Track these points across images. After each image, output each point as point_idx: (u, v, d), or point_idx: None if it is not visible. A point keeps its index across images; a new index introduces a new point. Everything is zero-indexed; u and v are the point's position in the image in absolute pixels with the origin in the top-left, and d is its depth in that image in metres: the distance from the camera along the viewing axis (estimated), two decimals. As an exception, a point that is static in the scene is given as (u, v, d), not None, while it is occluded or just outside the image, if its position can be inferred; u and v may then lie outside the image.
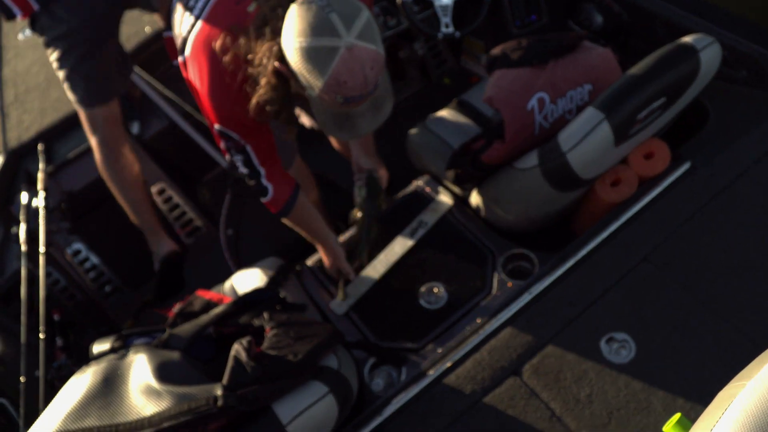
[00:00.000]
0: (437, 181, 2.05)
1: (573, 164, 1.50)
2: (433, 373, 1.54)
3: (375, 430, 1.48)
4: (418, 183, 2.06)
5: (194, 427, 1.17)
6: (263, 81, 1.32)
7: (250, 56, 1.32)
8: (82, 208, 2.43)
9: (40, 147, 2.36)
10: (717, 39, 1.54)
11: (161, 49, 2.58)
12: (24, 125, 2.55)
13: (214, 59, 1.39)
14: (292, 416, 1.24)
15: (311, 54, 1.20)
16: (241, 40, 1.33)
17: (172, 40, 1.74)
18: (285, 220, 1.74)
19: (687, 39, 1.54)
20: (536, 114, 1.60)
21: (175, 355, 1.32)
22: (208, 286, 1.89)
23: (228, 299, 1.67)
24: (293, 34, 1.21)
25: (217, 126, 1.47)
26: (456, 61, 2.74)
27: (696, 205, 1.64)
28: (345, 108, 1.29)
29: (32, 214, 2.18)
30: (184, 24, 1.51)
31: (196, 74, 1.45)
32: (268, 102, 1.36)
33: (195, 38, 1.44)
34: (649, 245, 1.60)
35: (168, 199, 2.54)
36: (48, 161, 2.39)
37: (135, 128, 2.57)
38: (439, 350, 1.64)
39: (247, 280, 1.87)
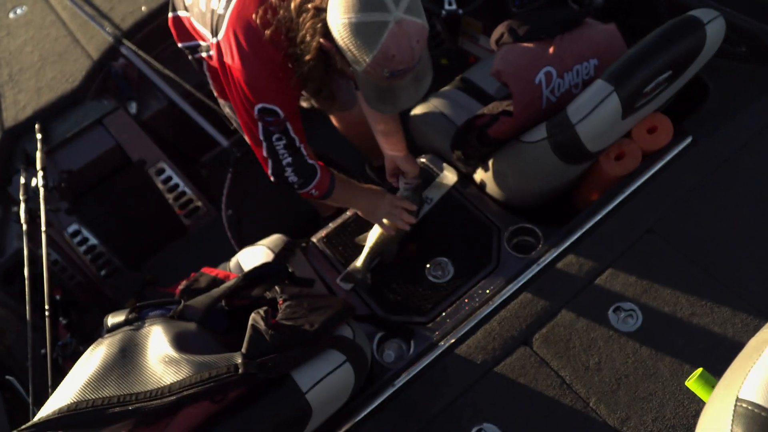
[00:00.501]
0: (441, 158, 2.05)
1: (582, 136, 1.51)
2: (444, 344, 1.55)
3: (388, 400, 1.50)
4: (422, 160, 2.06)
5: (214, 395, 1.15)
6: (307, 58, 1.31)
7: (291, 34, 1.31)
8: (80, 188, 2.40)
9: (37, 126, 2.32)
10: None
11: (158, 29, 2.55)
12: (20, 105, 2.49)
13: (255, 35, 1.35)
14: (312, 384, 1.24)
15: (361, 29, 1.20)
16: (281, 13, 1.31)
17: (179, 20, 1.69)
18: (330, 200, 1.71)
19: (693, 13, 1.55)
20: (543, 88, 1.60)
21: (191, 326, 1.30)
22: (211, 265, 1.86)
23: (234, 276, 1.65)
24: (341, 10, 1.21)
25: (260, 105, 1.41)
26: (453, 42, 2.73)
27: (698, 177, 1.67)
28: (390, 82, 1.29)
29: (31, 193, 2.15)
30: (215, 1, 1.44)
31: (234, 52, 1.38)
32: (310, 79, 1.36)
33: (231, 15, 1.39)
34: (653, 217, 1.62)
35: (167, 180, 2.51)
36: (45, 141, 2.34)
37: (132, 108, 2.53)
38: (450, 322, 1.65)
39: (254, 256, 1.86)
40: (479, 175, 1.90)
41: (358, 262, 1.86)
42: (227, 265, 1.88)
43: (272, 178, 1.58)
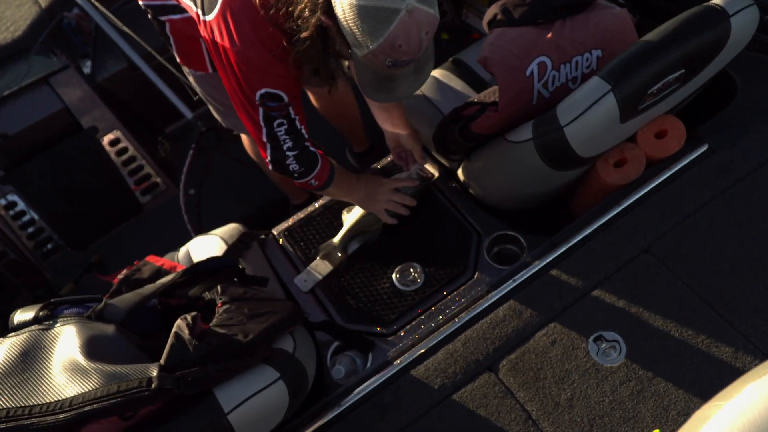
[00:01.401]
0: (424, 149, 1.98)
1: (571, 140, 1.47)
2: (400, 363, 1.54)
3: (333, 421, 1.49)
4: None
5: (122, 412, 1.14)
6: (304, 35, 1.31)
7: (290, 8, 1.31)
8: (18, 155, 2.36)
9: None
10: (756, 1, 1.48)
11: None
12: None
13: (255, 14, 1.35)
14: (236, 403, 1.22)
15: (370, 13, 1.20)
16: None
17: None
18: (325, 192, 1.75)
19: (719, 0, 1.49)
20: (535, 80, 1.55)
21: (109, 328, 1.29)
22: (164, 251, 1.88)
23: (182, 267, 1.63)
24: None
25: (263, 90, 1.43)
26: (457, 15, 2.68)
27: (710, 193, 1.63)
28: (389, 71, 1.31)
29: None
30: None
31: (233, 34, 1.38)
32: (308, 59, 1.37)
33: None
34: (652, 235, 1.59)
35: (123, 151, 2.49)
36: None
37: (86, 67, 2.49)
38: (410, 338, 1.63)
39: (205, 247, 1.85)
40: (462, 172, 1.87)
41: (336, 238, 1.87)
42: (175, 254, 1.88)
43: (271, 166, 1.60)
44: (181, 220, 2.44)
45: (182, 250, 1.88)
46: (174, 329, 1.26)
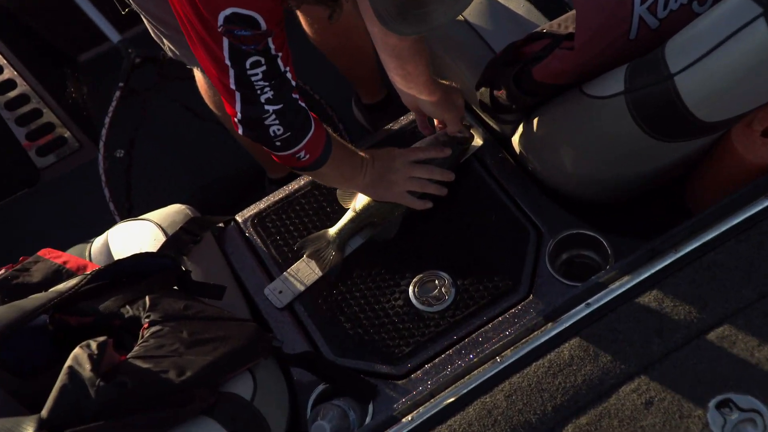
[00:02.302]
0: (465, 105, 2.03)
1: (684, 95, 1.43)
2: (412, 420, 1.50)
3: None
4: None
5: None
6: None
7: None
8: None
9: None
10: None
11: None
12: None
13: None
14: (159, 476, 1.24)
15: None
16: None
17: None
18: (320, 172, 1.74)
19: None
20: (636, 3, 1.51)
21: (-39, 360, 1.30)
22: (70, 242, 1.90)
23: (95, 267, 1.64)
24: None
25: (229, 10, 1.40)
26: None
27: None
28: None
29: None
30: None
31: None
32: None
33: None
34: None
35: (8, 86, 2.48)
36: None
37: None
38: (429, 383, 1.63)
39: (133, 237, 1.87)
40: (518, 140, 1.88)
41: (333, 229, 1.89)
42: (87, 247, 1.89)
43: (240, 128, 1.58)
44: (100, 196, 2.45)
45: (98, 242, 1.89)
46: (68, 362, 1.26)
